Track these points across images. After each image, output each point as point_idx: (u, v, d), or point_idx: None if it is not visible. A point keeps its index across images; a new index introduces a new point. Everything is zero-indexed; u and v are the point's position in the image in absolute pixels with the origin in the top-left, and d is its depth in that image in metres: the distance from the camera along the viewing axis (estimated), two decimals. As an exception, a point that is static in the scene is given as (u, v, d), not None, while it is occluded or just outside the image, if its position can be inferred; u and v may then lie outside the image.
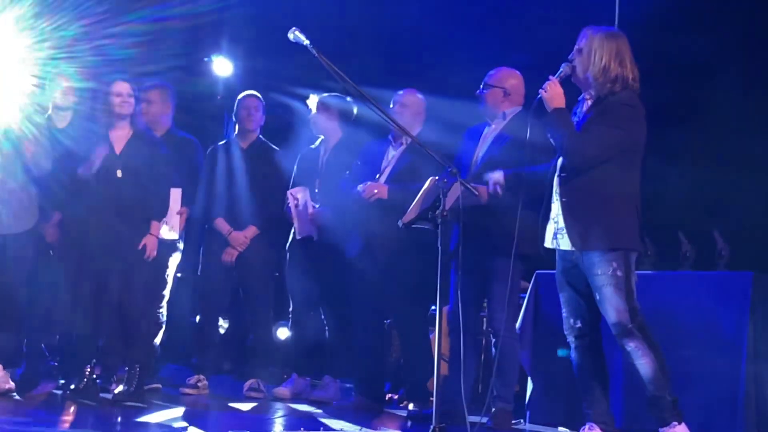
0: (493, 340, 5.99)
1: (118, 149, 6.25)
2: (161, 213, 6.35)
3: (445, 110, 6.54)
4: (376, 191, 6.17)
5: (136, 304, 6.20)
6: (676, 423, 4.66)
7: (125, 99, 6.26)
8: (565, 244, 4.82)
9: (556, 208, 4.87)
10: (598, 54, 4.79)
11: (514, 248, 5.05)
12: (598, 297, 4.74)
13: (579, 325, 4.82)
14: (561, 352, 5.58)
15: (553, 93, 4.79)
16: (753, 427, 5.05)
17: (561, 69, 4.84)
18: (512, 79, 5.98)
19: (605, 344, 4.95)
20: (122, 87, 6.28)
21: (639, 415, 5.13)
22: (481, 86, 5.98)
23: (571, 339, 4.86)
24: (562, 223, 4.82)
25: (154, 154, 6.29)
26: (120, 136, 6.29)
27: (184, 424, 5.25)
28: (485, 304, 6.07)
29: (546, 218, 4.95)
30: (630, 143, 4.77)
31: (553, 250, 4.99)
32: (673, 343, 5.02)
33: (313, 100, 6.92)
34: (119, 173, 6.20)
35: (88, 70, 6.47)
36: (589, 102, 4.86)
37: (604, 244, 4.72)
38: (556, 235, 4.85)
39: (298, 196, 6.68)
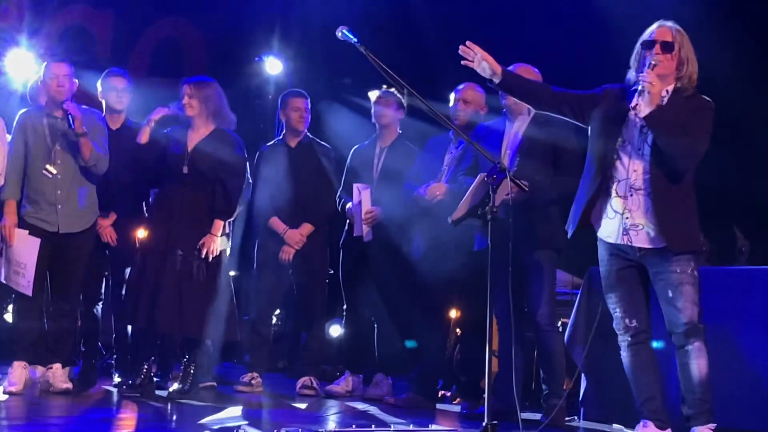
0: (535, 337, 5.99)
1: (190, 147, 6.32)
2: (226, 213, 6.37)
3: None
4: (438, 193, 6.16)
5: (197, 302, 6.22)
6: (712, 424, 4.68)
7: (185, 100, 6.32)
8: (641, 240, 4.70)
9: (624, 203, 4.71)
10: (691, 52, 4.71)
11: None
12: (671, 295, 4.67)
13: (635, 323, 4.77)
14: None
15: (658, 88, 4.63)
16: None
17: (650, 63, 4.63)
18: (538, 76, 5.96)
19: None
20: (184, 89, 6.34)
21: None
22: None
23: (626, 338, 4.79)
24: (638, 220, 4.69)
25: (224, 155, 6.33)
26: (196, 135, 6.37)
27: (238, 422, 5.28)
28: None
29: (579, 203, 4.85)
30: None
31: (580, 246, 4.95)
32: (729, 340, 4.97)
33: (374, 94, 6.92)
34: (185, 170, 6.27)
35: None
36: (665, 98, 4.72)
37: (691, 245, 4.71)
38: (628, 231, 4.73)
39: (361, 193, 6.69)
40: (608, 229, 4.78)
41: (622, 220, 4.73)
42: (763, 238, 5.82)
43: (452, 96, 6.43)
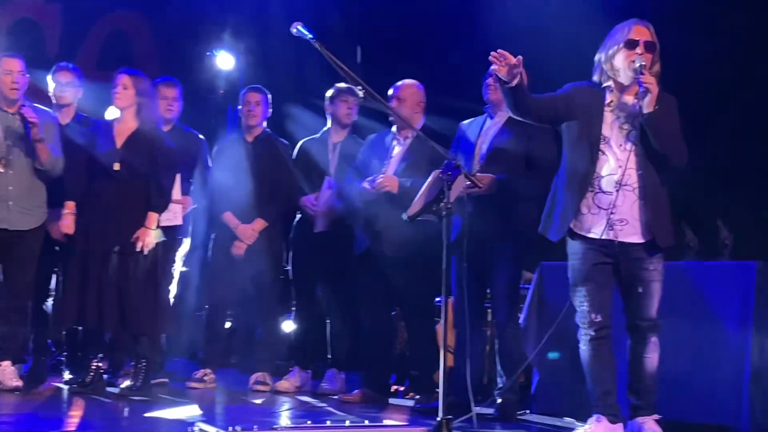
0: (497, 332, 6.04)
1: (119, 143, 6.26)
2: (160, 206, 6.32)
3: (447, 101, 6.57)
4: (387, 184, 6.18)
5: (138, 298, 6.20)
6: (657, 415, 4.78)
7: (118, 90, 6.27)
8: (626, 235, 4.73)
9: (610, 198, 4.71)
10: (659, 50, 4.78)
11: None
12: (640, 290, 4.75)
13: (599, 318, 4.80)
14: (552, 355, 5.60)
15: (656, 88, 4.63)
16: (758, 415, 5.06)
17: (642, 65, 4.62)
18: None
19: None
20: (120, 79, 6.29)
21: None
22: (494, 76, 5.94)
23: (589, 332, 4.81)
24: (623, 215, 4.72)
25: (156, 148, 6.30)
26: (124, 129, 6.30)
27: (191, 418, 5.26)
28: (488, 296, 6.10)
29: (565, 207, 4.84)
30: None
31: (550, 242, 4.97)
32: (678, 333, 5.02)
33: (337, 90, 6.93)
34: (116, 166, 6.21)
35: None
36: (631, 98, 4.75)
37: (674, 239, 4.81)
38: (614, 226, 4.74)
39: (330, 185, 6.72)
40: (591, 224, 4.79)
41: (608, 215, 4.75)
42: (747, 232, 5.91)
43: (390, 93, 6.45)
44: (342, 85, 6.87)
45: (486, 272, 5.84)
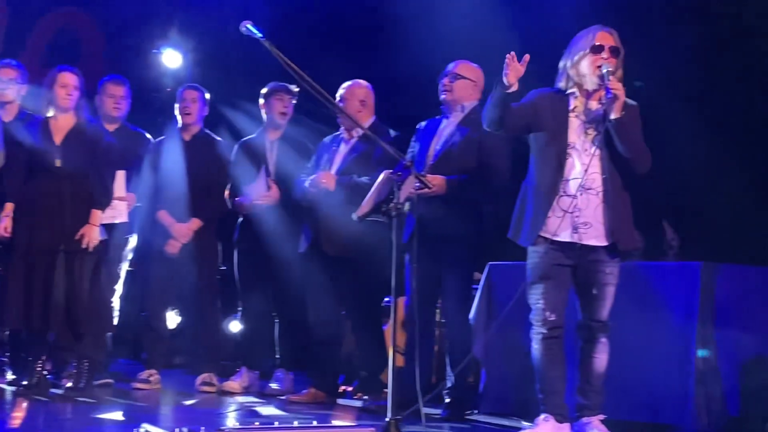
0: (447, 332, 6.07)
1: (57, 140, 6.20)
2: (103, 203, 6.27)
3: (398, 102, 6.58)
4: (324, 181, 6.17)
5: (82, 298, 6.14)
6: (602, 415, 4.86)
7: (70, 91, 6.21)
8: (589, 238, 4.78)
9: (575, 203, 4.76)
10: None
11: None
12: (595, 292, 4.82)
13: (553, 318, 4.84)
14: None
15: (623, 95, 4.70)
16: (703, 415, 5.11)
17: (609, 69, 4.68)
18: (479, 72, 6.05)
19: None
20: (69, 78, 6.23)
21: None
22: (449, 76, 5.99)
23: (542, 330, 4.85)
24: (587, 218, 4.77)
25: (96, 145, 6.24)
26: (61, 126, 6.24)
27: (136, 419, 5.21)
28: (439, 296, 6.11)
29: (536, 212, 4.86)
30: None
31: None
32: (625, 333, 5.07)
33: (272, 88, 6.91)
34: (58, 163, 6.14)
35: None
36: (595, 103, 4.81)
37: (635, 244, 4.89)
38: (578, 229, 4.78)
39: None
40: (555, 227, 4.80)
41: (572, 219, 4.79)
42: (693, 233, 5.98)
43: (337, 94, 6.46)
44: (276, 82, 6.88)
45: (437, 273, 5.85)
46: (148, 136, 7.18)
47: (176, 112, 7.12)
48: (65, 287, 6.10)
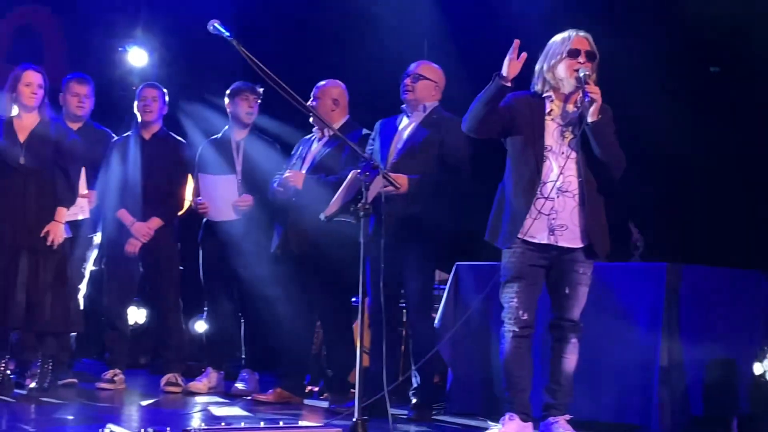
0: (410, 332, 6.08)
1: (22, 138, 6.15)
2: (68, 200, 6.24)
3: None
4: (292, 180, 6.17)
5: (46, 296, 6.09)
6: (568, 415, 4.91)
7: (35, 90, 6.17)
8: (566, 240, 4.83)
9: (551, 205, 4.80)
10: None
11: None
12: (567, 292, 4.87)
13: (526, 317, 4.88)
14: None
15: (600, 98, 4.74)
16: (667, 416, 5.16)
17: (586, 73, 4.73)
18: (441, 73, 6.08)
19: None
20: (33, 77, 6.19)
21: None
22: (412, 76, 6.00)
23: (514, 329, 4.87)
24: (564, 221, 4.81)
25: (60, 142, 6.20)
26: (26, 125, 6.19)
27: (100, 420, 5.18)
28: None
29: (513, 214, 4.89)
30: None
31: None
32: (591, 334, 5.10)
33: (237, 88, 6.89)
34: (22, 160, 6.10)
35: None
36: (572, 107, 4.85)
37: (608, 247, 4.91)
38: (554, 231, 4.82)
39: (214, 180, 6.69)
40: (532, 229, 4.84)
41: (548, 221, 4.83)
42: (657, 234, 6.02)
43: (312, 92, 6.46)
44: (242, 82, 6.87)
45: (399, 272, 5.85)
46: (113, 134, 7.12)
47: (135, 110, 7.09)
48: (29, 286, 6.06)
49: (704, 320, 5.38)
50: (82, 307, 6.77)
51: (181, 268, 7.23)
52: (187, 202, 7.06)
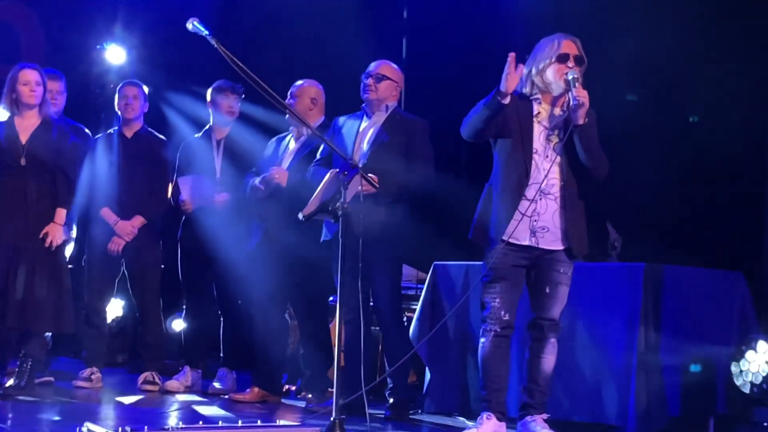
0: (382, 331, 6.08)
1: (23, 138, 6.14)
2: (68, 202, 6.25)
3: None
4: (277, 177, 6.16)
5: (41, 297, 6.10)
6: (545, 414, 4.93)
7: (33, 88, 6.16)
8: (547, 242, 4.86)
9: (533, 207, 4.83)
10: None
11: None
12: (548, 291, 4.90)
13: (507, 317, 4.90)
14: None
15: (588, 102, 4.76)
16: (644, 416, 5.18)
17: (575, 76, 4.75)
18: (401, 74, 6.12)
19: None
20: (31, 75, 6.17)
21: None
22: (374, 76, 6.01)
23: (494, 328, 4.89)
24: (545, 223, 4.85)
25: (62, 143, 6.20)
26: (27, 125, 6.18)
27: (78, 418, 5.15)
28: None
29: (499, 215, 4.90)
30: None
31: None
32: (568, 333, 5.12)
33: (218, 86, 6.89)
34: (23, 161, 6.09)
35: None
36: (559, 110, 4.88)
37: (587, 248, 4.96)
38: (536, 233, 4.85)
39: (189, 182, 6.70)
40: (515, 230, 4.85)
41: (530, 222, 4.86)
42: (634, 233, 6.05)
43: (289, 92, 6.45)
44: (223, 81, 6.86)
45: (369, 271, 5.85)
46: (87, 130, 7.09)
47: (116, 108, 7.06)
48: (26, 286, 6.06)
49: (682, 320, 5.40)
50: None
51: (162, 266, 7.22)
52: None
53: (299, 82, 6.47)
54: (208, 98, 6.91)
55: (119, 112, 7.03)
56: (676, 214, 6.76)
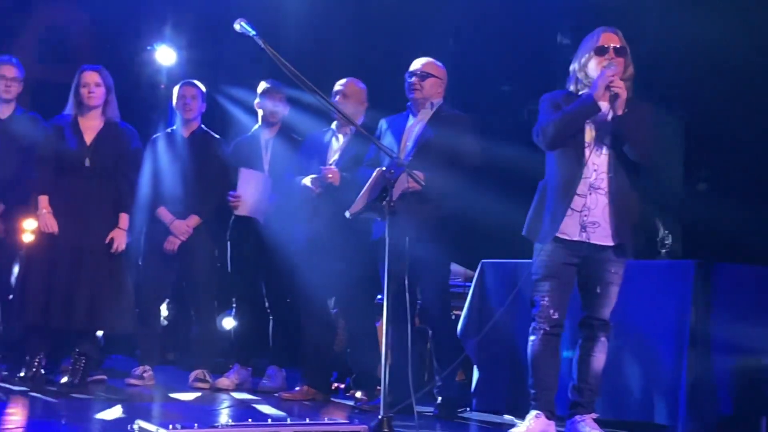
0: (430, 330, 6.08)
1: (88, 140, 6.22)
2: (130, 206, 6.36)
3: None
4: (330, 176, 6.18)
5: (102, 297, 6.20)
6: (595, 414, 4.93)
7: (92, 89, 6.24)
8: (598, 238, 4.85)
9: (584, 201, 4.84)
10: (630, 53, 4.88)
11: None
12: (599, 291, 4.89)
13: (557, 316, 4.89)
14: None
15: (625, 93, 4.76)
16: (695, 416, 5.13)
17: (614, 68, 4.76)
18: (444, 71, 6.10)
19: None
20: (90, 77, 6.26)
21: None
22: (418, 74, 6.00)
23: (544, 327, 4.89)
24: (596, 218, 4.84)
25: (125, 147, 6.30)
26: (91, 126, 6.26)
27: (130, 416, 5.21)
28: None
29: (553, 211, 4.90)
30: None
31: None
32: (618, 332, 5.09)
33: (264, 85, 6.91)
34: (87, 162, 6.19)
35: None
36: (607, 104, 4.83)
37: (639, 244, 5.00)
38: (586, 228, 4.85)
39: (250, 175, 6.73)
40: (565, 225, 4.87)
41: (580, 218, 4.86)
42: (685, 231, 6.01)
43: (333, 90, 6.47)
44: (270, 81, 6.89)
45: (417, 269, 5.84)
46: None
47: (175, 108, 7.12)
48: (89, 287, 6.16)
49: (733, 318, 5.34)
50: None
51: (218, 265, 7.27)
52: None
53: (346, 80, 6.49)
54: (256, 99, 6.95)
55: (177, 112, 7.08)
56: (728, 209, 6.68)
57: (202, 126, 7.12)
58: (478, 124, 6.01)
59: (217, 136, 7.17)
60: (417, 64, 6.06)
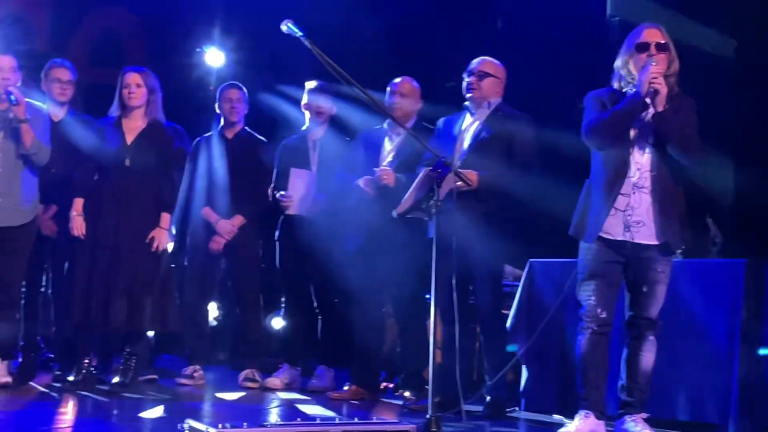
0: (481, 329, 6.07)
1: (129, 139, 6.30)
2: (171, 206, 6.41)
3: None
4: (385, 177, 6.19)
5: (146, 298, 6.25)
6: (645, 414, 4.89)
7: (132, 90, 6.30)
8: (642, 237, 4.82)
9: (627, 201, 4.82)
10: (674, 49, 4.84)
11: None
12: (645, 290, 4.86)
13: (604, 315, 4.87)
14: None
15: (665, 88, 4.72)
16: (746, 415, 5.08)
17: (653, 63, 4.71)
18: (503, 69, 6.07)
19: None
20: (131, 78, 6.32)
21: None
22: (476, 74, 5.99)
23: (592, 326, 4.87)
24: (641, 217, 4.82)
25: (167, 147, 6.35)
26: (133, 126, 6.34)
27: (180, 415, 5.26)
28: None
29: (598, 210, 4.89)
30: None
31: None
32: (667, 331, 5.05)
33: (311, 84, 6.94)
34: (127, 162, 6.25)
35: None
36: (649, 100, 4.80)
37: (685, 242, 4.94)
38: (630, 227, 4.83)
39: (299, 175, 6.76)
40: (608, 225, 4.86)
41: (624, 217, 4.84)
42: (735, 230, 5.95)
43: (388, 89, 6.48)
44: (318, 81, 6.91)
45: (468, 269, 5.84)
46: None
47: (218, 110, 7.17)
48: (128, 285, 6.20)
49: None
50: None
51: (262, 265, 7.31)
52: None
53: (398, 80, 6.49)
54: (303, 100, 6.98)
55: (224, 114, 7.13)
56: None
57: (246, 128, 7.17)
58: (535, 123, 5.97)
59: (261, 137, 7.21)
60: (474, 63, 6.04)
